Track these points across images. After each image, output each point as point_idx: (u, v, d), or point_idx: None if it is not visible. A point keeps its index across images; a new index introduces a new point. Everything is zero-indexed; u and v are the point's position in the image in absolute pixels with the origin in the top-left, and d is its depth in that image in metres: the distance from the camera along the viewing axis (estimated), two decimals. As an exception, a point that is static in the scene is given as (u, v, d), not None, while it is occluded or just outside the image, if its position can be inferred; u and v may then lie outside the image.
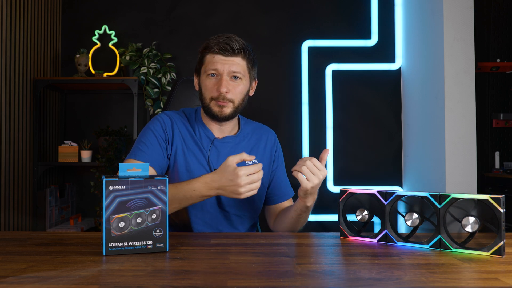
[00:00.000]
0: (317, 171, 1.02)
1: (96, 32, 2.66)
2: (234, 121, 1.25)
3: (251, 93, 1.25)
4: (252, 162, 1.23)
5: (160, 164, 1.16)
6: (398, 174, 2.79)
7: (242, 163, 1.19)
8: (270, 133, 1.32)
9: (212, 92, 1.15)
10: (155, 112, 2.68)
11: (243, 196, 0.99)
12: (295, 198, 1.22)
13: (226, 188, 1.00)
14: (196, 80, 1.23)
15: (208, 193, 1.02)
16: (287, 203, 1.30)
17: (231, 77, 1.15)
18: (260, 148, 1.27)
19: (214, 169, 1.17)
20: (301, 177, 1.02)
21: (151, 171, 1.12)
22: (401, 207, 0.91)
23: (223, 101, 1.14)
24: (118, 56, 2.63)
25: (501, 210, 0.77)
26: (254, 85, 1.25)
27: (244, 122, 1.30)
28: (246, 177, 0.98)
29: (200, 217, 1.19)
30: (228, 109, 1.16)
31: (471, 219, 0.80)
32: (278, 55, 2.79)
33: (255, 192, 1.00)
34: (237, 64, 1.15)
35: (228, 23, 2.81)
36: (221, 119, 1.17)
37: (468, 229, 0.81)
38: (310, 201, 1.10)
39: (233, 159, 0.99)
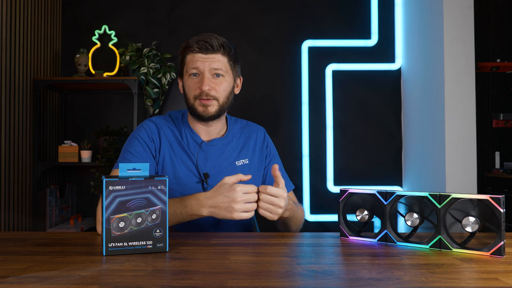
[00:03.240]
0: (273, 208, 0.98)
1: (96, 32, 2.66)
2: (222, 122, 1.22)
3: (237, 91, 1.22)
4: (243, 163, 1.21)
5: None
6: (398, 174, 2.79)
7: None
8: (259, 130, 1.30)
9: (194, 90, 1.13)
10: (155, 112, 2.67)
11: (236, 215, 0.95)
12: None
13: (220, 205, 0.96)
14: (180, 84, 1.21)
15: (199, 211, 0.98)
16: None
17: (213, 74, 1.12)
18: (250, 146, 1.25)
19: (204, 174, 1.16)
20: (263, 214, 0.99)
21: None
22: (401, 207, 0.91)
23: (206, 98, 1.12)
24: (118, 56, 2.63)
25: (501, 210, 0.77)
26: (239, 82, 1.23)
27: (232, 122, 1.28)
28: (243, 194, 0.95)
29: (196, 223, 1.18)
30: (213, 108, 1.13)
31: (471, 219, 0.80)
32: (278, 55, 2.79)
33: (249, 215, 0.96)
34: (218, 60, 1.12)
35: (228, 23, 2.81)
36: (206, 118, 1.14)
37: (468, 229, 0.81)
38: (286, 214, 1.07)
39: (229, 179, 0.97)
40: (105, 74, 2.58)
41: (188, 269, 0.70)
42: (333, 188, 2.75)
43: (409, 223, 0.88)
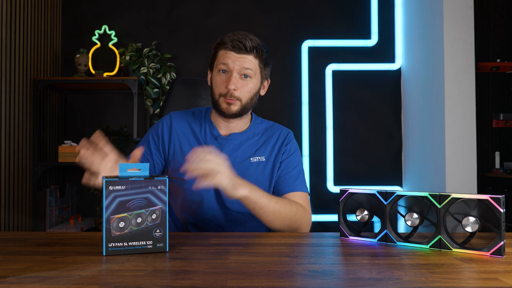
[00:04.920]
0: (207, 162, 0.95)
1: (96, 32, 2.66)
2: (244, 120, 1.25)
3: (262, 92, 1.26)
4: (258, 160, 1.22)
5: (149, 155, 1.24)
6: (398, 174, 2.79)
7: (243, 162, 1.19)
8: (283, 130, 1.30)
9: (221, 88, 1.16)
10: (155, 112, 2.68)
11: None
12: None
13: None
14: (209, 76, 1.25)
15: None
16: (291, 196, 1.19)
17: (241, 75, 1.15)
18: (269, 145, 1.25)
19: None
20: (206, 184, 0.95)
21: (138, 152, 1.12)
22: (401, 207, 0.91)
23: (230, 98, 1.15)
24: (118, 56, 2.63)
25: (501, 210, 0.77)
26: (266, 84, 1.26)
27: (258, 122, 1.30)
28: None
29: (203, 215, 1.19)
30: (235, 107, 1.16)
31: (471, 219, 0.80)
32: (278, 55, 2.79)
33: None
34: (249, 61, 1.15)
35: (228, 23, 2.81)
36: (228, 116, 1.18)
37: (468, 229, 0.81)
38: (238, 192, 1.00)
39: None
40: (105, 74, 2.58)
41: (188, 269, 0.70)
42: (333, 188, 2.75)
43: (409, 223, 0.88)
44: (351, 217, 0.98)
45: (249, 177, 1.18)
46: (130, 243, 0.80)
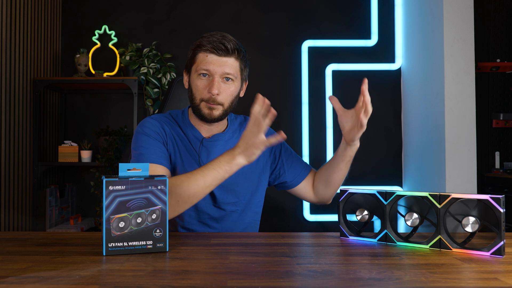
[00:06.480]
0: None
1: (96, 32, 2.66)
2: (224, 121, 1.24)
3: (241, 94, 1.23)
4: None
5: (167, 158, 1.14)
6: (398, 174, 2.79)
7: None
8: None
9: (202, 93, 1.12)
10: (155, 112, 2.68)
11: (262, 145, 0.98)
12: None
13: (248, 141, 0.98)
14: (186, 78, 1.21)
15: (229, 164, 1.00)
16: (309, 176, 1.33)
17: (223, 78, 1.12)
18: None
19: None
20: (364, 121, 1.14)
21: (162, 171, 1.09)
22: (401, 207, 0.91)
23: (213, 103, 1.12)
24: (118, 56, 2.63)
25: (501, 210, 0.77)
26: (244, 86, 1.23)
27: (232, 118, 1.28)
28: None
29: (195, 217, 1.19)
30: (217, 112, 1.13)
31: (471, 219, 0.80)
32: (278, 55, 2.79)
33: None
34: (230, 65, 1.12)
35: (228, 23, 2.81)
36: (210, 121, 1.15)
37: (468, 229, 0.81)
38: (358, 142, 1.20)
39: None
40: (105, 74, 2.58)
41: (188, 269, 0.70)
42: (333, 188, 2.74)
43: (409, 223, 0.88)
44: (351, 217, 0.98)
45: (240, 173, 1.18)
46: (130, 243, 0.80)
